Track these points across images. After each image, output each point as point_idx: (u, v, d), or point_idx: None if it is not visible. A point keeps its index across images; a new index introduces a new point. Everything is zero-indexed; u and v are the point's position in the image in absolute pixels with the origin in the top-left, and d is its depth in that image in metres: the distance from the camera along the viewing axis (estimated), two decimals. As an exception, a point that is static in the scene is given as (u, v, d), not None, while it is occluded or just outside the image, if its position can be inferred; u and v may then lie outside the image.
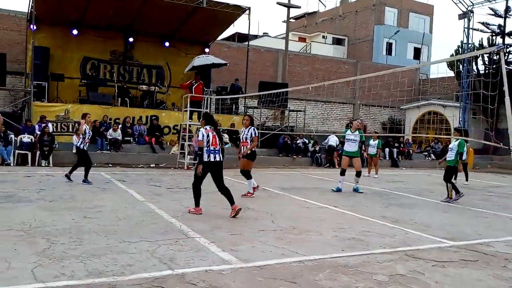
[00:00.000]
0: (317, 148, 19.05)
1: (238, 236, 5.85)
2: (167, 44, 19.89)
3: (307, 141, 19.39)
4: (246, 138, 9.14)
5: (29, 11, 16.26)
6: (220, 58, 18.38)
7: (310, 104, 25.83)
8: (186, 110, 15.01)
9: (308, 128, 24.11)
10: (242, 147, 9.24)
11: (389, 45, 38.22)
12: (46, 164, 13.43)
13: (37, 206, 7.12)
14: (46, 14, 16.31)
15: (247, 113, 10.66)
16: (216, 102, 19.62)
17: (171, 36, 19.80)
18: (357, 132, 10.76)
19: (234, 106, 19.83)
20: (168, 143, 16.76)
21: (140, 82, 19.48)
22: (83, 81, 18.51)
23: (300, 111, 22.34)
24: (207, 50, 20.62)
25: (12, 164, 13.26)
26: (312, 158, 18.82)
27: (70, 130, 15.28)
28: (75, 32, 17.98)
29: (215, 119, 7.53)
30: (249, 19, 17.89)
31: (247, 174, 9.14)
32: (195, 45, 20.55)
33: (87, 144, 10.22)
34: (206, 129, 7.08)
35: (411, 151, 22.24)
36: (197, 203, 7.14)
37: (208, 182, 7.12)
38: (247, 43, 20.56)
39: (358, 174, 10.70)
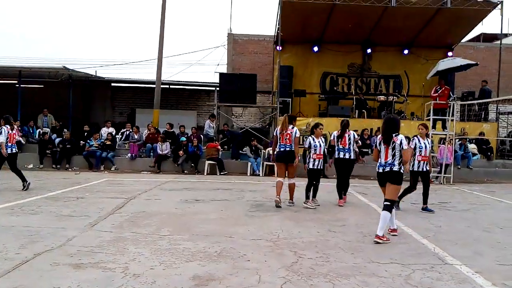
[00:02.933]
0: None
1: (510, 268, 4.67)
2: (406, 51, 18.95)
3: None
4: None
5: (276, 34, 17.73)
6: (467, 61, 16.27)
7: None
8: (429, 119, 13.60)
9: None
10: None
11: None
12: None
13: (284, 216, 7.25)
14: (290, 35, 17.50)
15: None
16: (461, 109, 17.42)
17: (410, 43, 18.78)
18: None
19: (483, 113, 17.20)
20: (408, 155, 15.57)
21: (378, 93, 18.93)
22: (321, 95, 19.12)
23: None
24: (450, 53, 18.71)
25: (261, 175, 14.43)
26: None
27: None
28: (315, 49, 18.87)
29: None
30: (501, 15, 15.66)
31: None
32: (436, 50, 18.87)
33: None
34: None
35: None
36: None
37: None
38: (498, 42, 17.75)
39: None
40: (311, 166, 8.35)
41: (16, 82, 18.17)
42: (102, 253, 4.83)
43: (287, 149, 8.21)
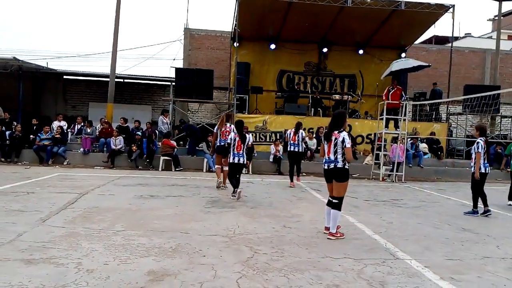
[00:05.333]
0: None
1: (457, 262, 4.90)
2: (361, 52, 19.50)
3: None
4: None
5: (233, 30, 17.72)
6: (419, 62, 16.95)
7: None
8: (382, 118, 14.08)
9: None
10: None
11: None
12: (246, 172, 14.17)
13: (239, 212, 7.29)
14: (247, 31, 17.57)
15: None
16: (413, 109, 18.14)
17: (365, 44, 19.35)
18: None
19: (434, 113, 17.98)
20: (361, 153, 16.07)
21: (333, 92, 19.36)
22: (278, 93, 19.33)
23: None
24: (403, 55, 19.55)
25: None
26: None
27: (268, 140, 16.00)
28: (272, 46, 19.06)
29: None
30: (453, 18, 16.37)
31: None
32: (390, 50, 19.61)
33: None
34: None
35: None
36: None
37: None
38: (449, 44, 18.61)
39: None
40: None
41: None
42: (54, 249, 4.69)
43: (223, 143, 9.61)
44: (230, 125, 9.90)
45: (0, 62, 17.05)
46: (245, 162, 9.04)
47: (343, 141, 5.70)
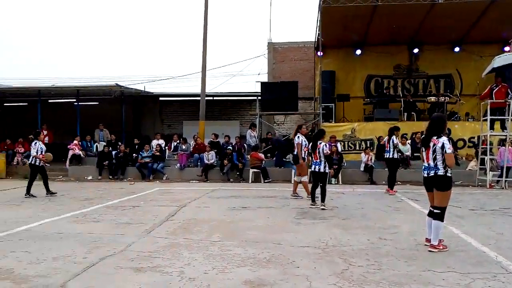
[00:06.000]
0: None
1: None
2: (457, 49, 18.30)
3: None
4: None
5: (316, 39, 17.64)
6: (525, 55, 15.38)
7: None
8: (486, 119, 13.01)
9: None
10: None
11: None
12: (336, 182, 13.92)
13: (331, 224, 7.15)
14: (331, 39, 17.32)
15: None
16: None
17: (461, 40, 18.07)
18: None
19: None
20: (463, 158, 14.94)
21: (427, 94, 18.34)
22: (366, 99, 18.80)
23: None
24: (507, 48, 17.68)
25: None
26: None
27: (357, 148, 15.60)
28: (358, 52, 18.64)
29: None
30: None
31: None
32: (490, 45, 17.96)
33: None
34: None
35: None
36: None
37: None
38: None
39: None
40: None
41: (74, 100, 19.50)
42: (159, 258, 5.00)
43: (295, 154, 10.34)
44: (298, 137, 10.13)
45: (105, 89, 18.71)
46: (323, 171, 8.80)
47: (442, 146, 5.34)
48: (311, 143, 9.15)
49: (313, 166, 8.96)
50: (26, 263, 4.89)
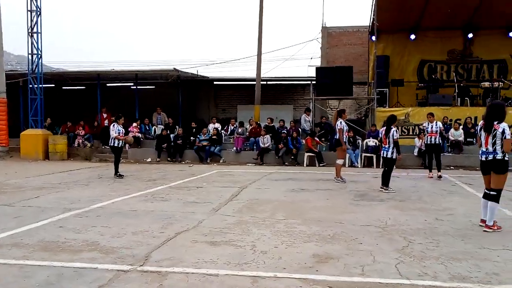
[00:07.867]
0: None
1: None
2: (511, 34, 17.77)
3: None
4: None
5: (371, 24, 17.63)
6: None
7: None
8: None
9: None
10: None
11: None
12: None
13: (389, 205, 7.54)
14: (385, 24, 17.28)
15: None
16: None
17: (517, 24, 17.46)
18: None
19: None
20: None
21: (481, 79, 17.95)
22: (420, 84, 18.64)
23: None
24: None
25: (359, 166, 14.64)
26: None
27: (411, 133, 15.64)
28: (412, 36, 18.50)
29: None
30: None
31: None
32: (549, 28, 17.31)
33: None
34: None
35: None
36: None
37: None
38: None
39: None
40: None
41: (132, 84, 20.37)
42: (230, 233, 5.58)
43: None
44: (341, 122, 10.52)
45: (163, 73, 19.55)
46: (390, 156, 9.06)
47: (503, 132, 5.68)
48: (384, 128, 9.25)
49: (382, 152, 9.37)
50: (109, 236, 5.39)
